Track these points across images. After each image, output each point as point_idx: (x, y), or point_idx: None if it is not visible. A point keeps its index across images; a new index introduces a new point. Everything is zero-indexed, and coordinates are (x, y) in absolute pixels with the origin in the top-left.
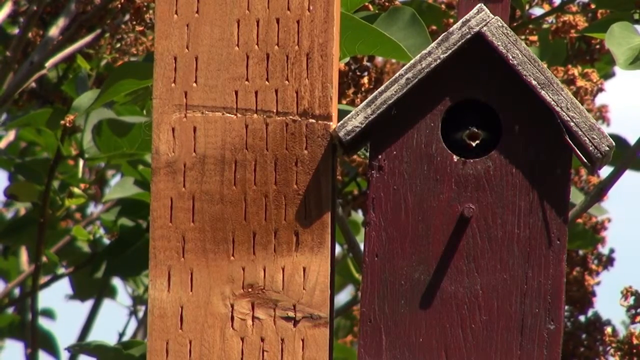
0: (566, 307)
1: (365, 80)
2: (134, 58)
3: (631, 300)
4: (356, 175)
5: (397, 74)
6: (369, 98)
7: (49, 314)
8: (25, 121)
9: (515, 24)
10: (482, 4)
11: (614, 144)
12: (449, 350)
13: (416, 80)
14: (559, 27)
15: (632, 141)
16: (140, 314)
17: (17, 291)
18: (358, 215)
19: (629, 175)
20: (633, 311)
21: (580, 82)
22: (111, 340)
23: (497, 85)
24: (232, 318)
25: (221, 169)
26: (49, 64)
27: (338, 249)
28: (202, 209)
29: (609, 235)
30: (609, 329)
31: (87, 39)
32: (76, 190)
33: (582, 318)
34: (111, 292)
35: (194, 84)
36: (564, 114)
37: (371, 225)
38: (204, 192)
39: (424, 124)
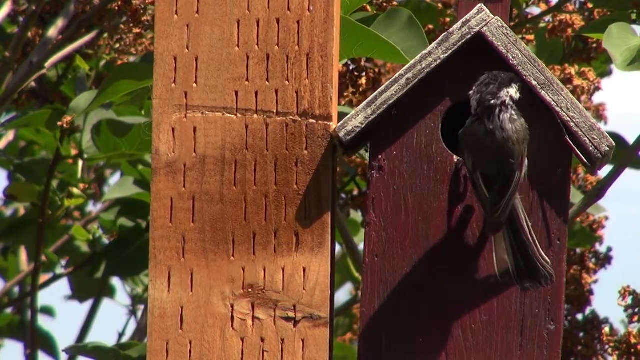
0: None
1: (363, 80)
2: (134, 58)
3: (629, 300)
4: (355, 175)
5: (397, 74)
6: (369, 98)
7: (48, 311)
8: (25, 122)
9: (512, 24)
10: (482, 4)
11: (614, 144)
12: (449, 350)
13: (416, 80)
14: (555, 26)
15: (630, 140)
16: (140, 314)
17: (16, 290)
18: (358, 215)
19: (626, 172)
20: (631, 311)
21: (577, 81)
22: (110, 339)
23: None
24: (232, 318)
25: (221, 169)
26: (48, 63)
27: (338, 248)
28: (202, 209)
29: (606, 234)
30: (606, 329)
31: (87, 38)
32: (75, 190)
33: (579, 316)
34: (110, 292)
35: (194, 84)
36: (564, 114)
37: (371, 225)
38: (204, 193)
39: (424, 124)
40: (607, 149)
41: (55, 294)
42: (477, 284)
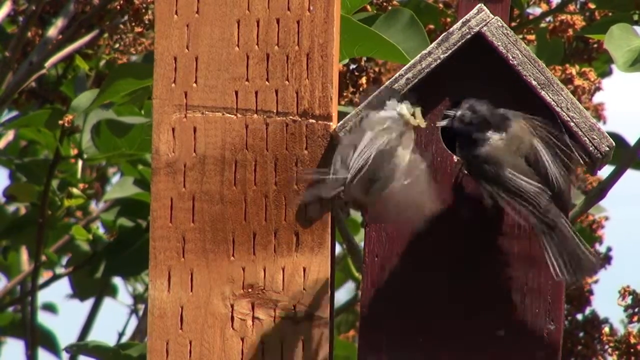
0: None
1: (364, 80)
2: (134, 58)
3: (629, 299)
4: None
5: (397, 74)
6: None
7: (51, 308)
8: (25, 122)
9: (513, 24)
10: (482, 4)
11: (614, 144)
12: (449, 350)
13: (416, 80)
14: (556, 26)
15: (630, 139)
16: (141, 313)
17: (18, 289)
18: (357, 215)
19: (627, 173)
20: (631, 311)
21: (578, 81)
22: (112, 338)
23: (497, 85)
24: (232, 318)
25: (221, 169)
26: (48, 63)
27: (338, 248)
28: (202, 209)
29: (607, 234)
30: (606, 329)
31: (86, 38)
32: (75, 190)
33: (579, 316)
34: (112, 291)
35: (194, 84)
36: (564, 114)
37: (371, 225)
38: (204, 193)
39: None
40: (607, 149)
41: (56, 292)
42: (477, 283)
